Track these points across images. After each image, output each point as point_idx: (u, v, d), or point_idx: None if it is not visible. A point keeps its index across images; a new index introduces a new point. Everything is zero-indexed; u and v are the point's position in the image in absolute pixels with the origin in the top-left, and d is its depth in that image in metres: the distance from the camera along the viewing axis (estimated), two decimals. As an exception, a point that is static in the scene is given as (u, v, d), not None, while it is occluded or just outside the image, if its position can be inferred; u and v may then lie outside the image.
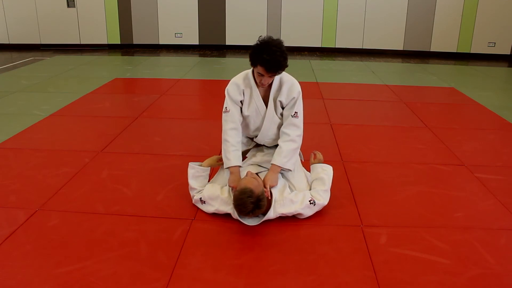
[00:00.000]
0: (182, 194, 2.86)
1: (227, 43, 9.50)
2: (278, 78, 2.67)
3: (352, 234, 2.48)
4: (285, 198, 2.57)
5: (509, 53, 9.00)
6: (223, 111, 2.72)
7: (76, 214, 2.65)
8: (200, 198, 2.66)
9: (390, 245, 2.38)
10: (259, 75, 2.53)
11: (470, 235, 2.49)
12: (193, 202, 2.74)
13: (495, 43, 8.96)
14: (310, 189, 2.71)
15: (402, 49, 9.25)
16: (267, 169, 2.73)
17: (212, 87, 6.15)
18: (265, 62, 2.44)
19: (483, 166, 3.45)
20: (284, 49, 2.48)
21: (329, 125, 4.38)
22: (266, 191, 2.49)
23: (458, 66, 8.25)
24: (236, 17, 9.30)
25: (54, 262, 2.19)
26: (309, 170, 2.88)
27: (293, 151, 2.69)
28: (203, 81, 6.66)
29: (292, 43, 9.30)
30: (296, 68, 7.35)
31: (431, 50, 9.17)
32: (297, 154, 2.77)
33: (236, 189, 2.43)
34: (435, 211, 2.76)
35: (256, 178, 2.49)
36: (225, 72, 7.19)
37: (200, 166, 2.81)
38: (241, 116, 2.74)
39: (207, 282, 2.07)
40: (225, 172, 2.79)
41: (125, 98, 5.58)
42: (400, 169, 3.38)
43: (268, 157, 2.78)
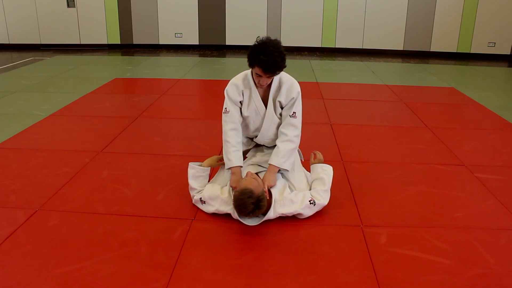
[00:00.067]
0: (182, 194, 2.86)
1: (227, 43, 9.50)
2: (278, 79, 2.67)
3: (352, 234, 2.48)
4: (285, 198, 2.57)
5: (509, 53, 9.00)
6: (223, 112, 2.72)
7: (76, 214, 2.65)
8: (200, 198, 2.66)
9: (390, 245, 2.38)
10: (257, 76, 2.53)
11: (470, 235, 2.49)
12: (193, 202, 2.74)
13: (495, 43, 8.96)
14: (310, 189, 2.70)
15: (402, 49, 9.25)
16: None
17: (212, 87, 6.15)
18: (263, 63, 2.44)
19: (483, 166, 3.45)
20: (282, 50, 2.48)
21: (329, 125, 4.38)
22: (265, 191, 2.49)
23: (458, 66, 8.25)
24: (236, 17, 9.30)
25: (54, 262, 2.19)
26: (309, 170, 2.88)
27: (291, 151, 2.69)
28: (203, 81, 6.66)
29: (292, 43, 9.30)
30: (296, 68, 7.35)
31: (431, 50, 9.17)
32: (295, 155, 2.77)
33: (236, 190, 2.43)
34: (435, 211, 2.76)
35: (256, 179, 2.49)
36: (225, 72, 7.19)
37: (200, 166, 2.81)
38: (241, 117, 2.74)
39: (207, 282, 2.07)
40: (225, 172, 2.79)
41: (125, 98, 5.58)
42: (400, 169, 3.38)
43: (268, 157, 2.77)
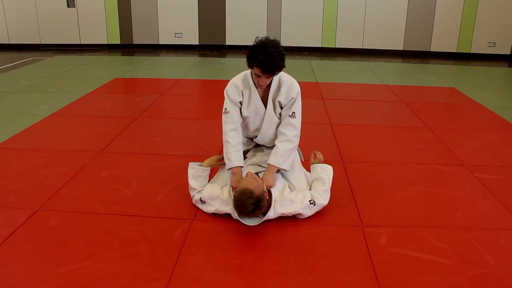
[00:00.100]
0: (182, 194, 2.86)
1: (227, 43, 9.50)
2: (277, 79, 2.67)
3: (352, 234, 2.48)
4: (285, 198, 2.57)
5: (509, 53, 9.00)
6: (223, 112, 2.72)
7: (76, 214, 2.65)
8: (200, 198, 2.66)
9: (390, 245, 2.38)
10: (257, 76, 2.53)
11: (470, 235, 2.49)
12: (193, 202, 2.74)
13: (495, 43, 8.96)
14: (310, 189, 2.71)
15: (402, 49, 9.25)
16: (267, 169, 2.72)
17: (212, 87, 6.15)
18: (262, 63, 2.44)
19: (483, 166, 3.45)
20: (281, 50, 2.47)
21: (329, 125, 4.38)
22: (265, 191, 2.49)
23: (458, 66, 8.25)
24: (236, 17, 9.30)
25: (54, 262, 2.19)
26: (309, 170, 2.88)
27: (290, 151, 2.68)
28: (203, 81, 6.66)
29: (292, 43, 9.30)
30: (296, 68, 7.35)
31: (431, 50, 9.17)
32: (294, 154, 2.76)
33: (236, 190, 2.43)
34: (435, 211, 2.76)
35: (256, 179, 2.49)
36: (225, 72, 7.19)
37: (200, 166, 2.81)
38: (241, 117, 2.74)
39: (207, 282, 2.08)
40: (225, 172, 2.79)
41: (125, 98, 5.58)
42: (400, 169, 3.38)
43: (268, 157, 2.77)
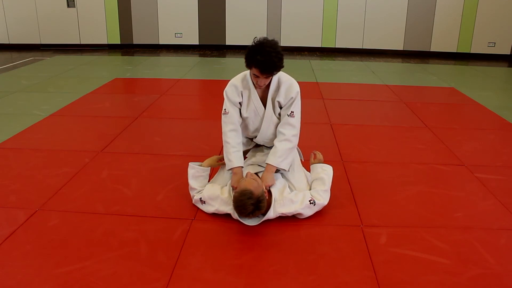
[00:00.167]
0: (182, 194, 2.86)
1: (227, 43, 9.50)
2: (276, 79, 2.67)
3: (352, 234, 2.48)
4: (285, 198, 2.57)
5: (509, 53, 9.00)
6: (222, 113, 2.72)
7: (76, 214, 2.65)
8: (200, 198, 2.66)
9: (390, 245, 2.38)
10: (255, 77, 2.54)
11: (470, 235, 2.49)
12: (193, 202, 2.74)
13: (495, 43, 8.96)
14: (310, 189, 2.71)
15: (402, 49, 9.25)
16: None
17: (212, 87, 6.15)
18: (260, 63, 2.44)
19: (483, 166, 3.45)
20: (280, 50, 2.47)
21: (329, 125, 4.38)
22: (265, 192, 2.49)
23: (458, 66, 8.25)
24: (236, 17, 9.30)
25: (54, 262, 2.19)
26: (309, 170, 2.88)
27: (288, 151, 2.68)
28: (203, 81, 6.66)
29: (292, 43, 9.31)
30: (296, 68, 7.36)
31: (431, 50, 9.17)
32: (293, 154, 2.76)
33: (236, 191, 2.43)
34: (435, 211, 2.76)
35: (256, 179, 2.48)
36: (225, 72, 7.19)
37: (200, 166, 2.81)
38: (240, 118, 2.74)
39: (207, 282, 2.08)
40: (225, 172, 2.79)
41: (125, 98, 5.58)
42: (400, 169, 3.38)
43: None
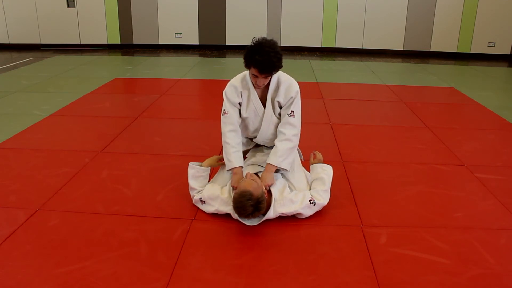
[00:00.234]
0: (182, 194, 2.86)
1: (227, 43, 9.50)
2: (276, 79, 2.67)
3: (352, 234, 2.48)
4: (285, 198, 2.56)
5: (509, 53, 9.00)
6: (222, 114, 2.73)
7: (76, 214, 2.65)
8: (200, 198, 2.66)
9: (390, 245, 2.38)
10: (254, 77, 2.54)
11: (470, 235, 2.49)
12: (193, 202, 2.74)
13: (495, 43, 8.95)
14: (310, 189, 2.70)
15: (402, 49, 9.25)
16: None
17: (212, 87, 6.15)
18: (258, 63, 2.44)
19: (483, 166, 3.45)
20: (278, 50, 2.47)
21: (329, 125, 4.38)
22: (265, 192, 2.49)
23: (458, 66, 8.25)
24: (236, 17, 9.30)
25: (54, 262, 2.19)
26: (309, 170, 2.88)
27: (289, 150, 2.68)
28: (203, 81, 6.66)
29: (292, 43, 9.31)
30: (296, 68, 7.36)
31: (431, 50, 9.17)
32: (294, 154, 2.76)
33: (236, 192, 2.43)
34: (435, 211, 2.76)
35: (256, 180, 2.47)
36: (225, 72, 7.19)
37: (200, 166, 2.81)
38: (240, 118, 2.74)
39: (207, 282, 2.08)
40: (225, 172, 2.79)
41: (125, 98, 5.58)
42: (400, 169, 3.38)
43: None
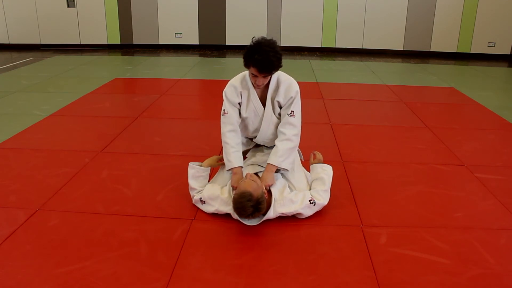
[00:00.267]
0: (182, 194, 2.86)
1: (227, 43, 9.50)
2: (276, 79, 2.67)
3: (352, 234, 2.48)
4: (285, 198, 2.56)
5: (509, 53, 9.00)
6: (221, 114, 2.73)
7: (76, 214, 2.65)
8: (200, 198, 2.66)
9: (390, 245, 2.38)
10: (253, 76, 2.53)
11: (470, 235, 2.49)
12: (193, 202, 2.74)
13: (495, 43, 8.95)
14: (310, 189, 2.70)
15: (402, 49, 9.25)
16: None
17: (212, 87, 6.15)
18: (257, 63, 2.44)
19: (483, 166, 3.45)
20: (278, 50, 2.47)
21: (329, 125, 4.38)
22: (265, 192, 2.49)
23: (458, 66, 8.25)
24: (236, 17, 9.30)
25: (54, 262, 2.19)
26: (309, 170, 2.88)
27: (290, 150, 2.68)
28: (203, 81, 6.66)
29: (292, 43, 9.31)
30: (296, 68, 7.35)
31: (431, 50, 9.17)
32: (294, 154, 2.76)
33: (236, 193, 2.43)
34: (435, 211, 2.76)
35: (256, 180, 2.47)
36: (225, 72, 7.19)
37: (200, 166, 2.81)
38: (240, 118, 2.74)
39: (207, 282, 2.08)
40: (225, 172, 2.79)
41: (125, 98, 5.58)
42: (400, 169, 3.38)
43: (268, 157, 2.77)
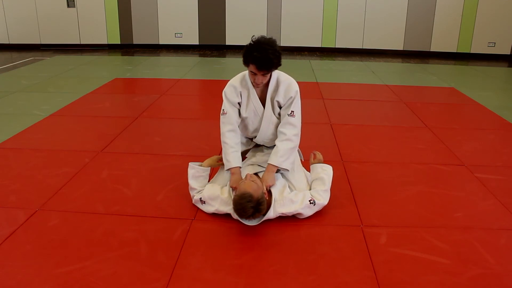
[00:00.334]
0: (182, 194, 2.86)
1: (227, 43, 9.50)
2: (275, 78, 2.67)
3: (352, 234, 2.48)
4: (285, 198, 2.56)
5: (509, 53, 9.00)
6: (221, 114, 2.73)
7: (76, 214, 2.65)
8: (200, 198, 2.66)
9: (390, 245, 2.38)
10: (252, 74, 2.53)
11: (470, 235, 2.49)
12: (193, 202, 2.74)
13: (495, 43, 8.95)
14: (310, 189, 2.70)
15: (402, 49, 9.25)
16: (267, 169, 2.72)
17: (212, 87, 6.15)
18: (256, 60, 2.44)
19: (483, 166, 3.45)
20: (277, 48, 2.48)
21: (329, 125, 4.38)
22: (265, 192, 2.49)
23: (458, 66, 8.25)
24: (236, 17, 9.30)
25: (54, 262, 2.19)
26: (309, 170, 2.88)
27: (290, 150, 2.67)
28: (203, 81, 6.66)
29: (292, 43, 9.31)
30: (296, 68, 7.36)
31: (431, 50, 9.17)
32: (295, 154, 2.76)
33: (236, 194, 2.43)
34: (435, 211, 2.76)
35: (256, 181, 2.47)
36: (225, 72, 7.19)
37: (200, 166, 2.81)
38: (239, 118, 2.74)
39: (207, 282, 2.08)
40: (225, 172, 2.79)
41: (125, 98, 5.58)
42: (400, 169, 3.38)
43: (268, 157, 2.76)
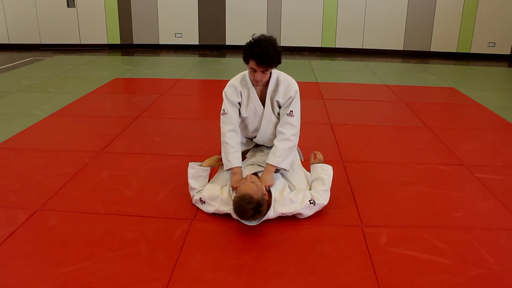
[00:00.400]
0: (182, 194, 2.86)
1: (227, 43, 9.50)
2: (275, 78, 2.67)
3: (352, 234, 2.48)
4: (285, 198, 2.56)
5: (509, 53, 9.00)
6: (221, 113, 2.73)
7: (76, 214, 2.65)
8: (200, 198, 2.66)
9: (390, 245, 2.38)
10: (252, 71, 2.54)
11: (470, 235, 2.49)
12: (193, 202, 2.74)
13: (495, 43, 8.96)
14: (310, 189, 2.70)
15: (402, 49, 9.25)
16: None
17: (212, 87, 6.15)
18: (256, 55, 2.45)
19: (483, 166, 3.45)
20: (277, 46, 2.49)
21: (329, 125, 4.38)
22: (265, 193, 2.49)
23: (458, 66, 8.25)
24: (236, 17, 9.30)
25: (54, 262, 2.19)
26: (309, 170, 2.88)
27: (288, 150, 2.67)
28: (203, 81, 6.66)
29: (292, 43, 9.31)
30: (296, 68, 7.36)
31: (431, 50, 9.17)
32: (293, 154, 2.76)
33: (236, 195, 2.43)
34: (435, 211, 2.76)
35: (256, 182, 2.47)
36: (225, 72, 7.19)
37: (200, 166, 2.81)
38: (239, 118, 2.74)
39: (207, 282, 2.08)
40: (225, 172, 2.79)
41: (125, 98, 5.58)
42: (400, 169, 3.38)
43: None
